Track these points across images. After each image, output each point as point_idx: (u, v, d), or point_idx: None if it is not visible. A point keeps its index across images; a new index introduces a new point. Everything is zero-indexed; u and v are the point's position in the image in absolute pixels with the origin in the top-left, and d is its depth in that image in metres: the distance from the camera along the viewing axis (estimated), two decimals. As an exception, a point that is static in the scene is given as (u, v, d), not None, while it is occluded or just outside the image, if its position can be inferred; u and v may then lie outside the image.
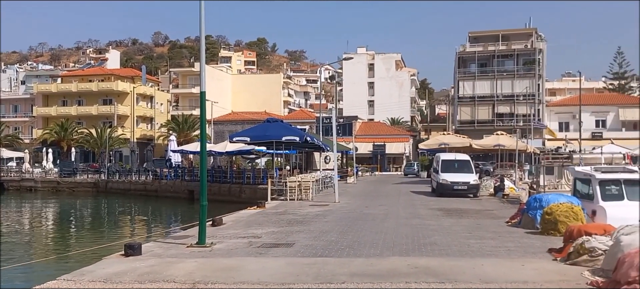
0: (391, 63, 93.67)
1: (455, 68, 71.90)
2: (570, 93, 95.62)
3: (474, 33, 74.52)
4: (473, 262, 10.61)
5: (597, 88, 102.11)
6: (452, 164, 29.78)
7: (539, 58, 68.42)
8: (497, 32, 73.24)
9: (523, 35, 72.23)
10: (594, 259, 10.07)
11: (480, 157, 48.50)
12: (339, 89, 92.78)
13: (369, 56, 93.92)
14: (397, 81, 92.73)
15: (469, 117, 69.78)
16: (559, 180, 33.66)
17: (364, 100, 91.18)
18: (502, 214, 19.50)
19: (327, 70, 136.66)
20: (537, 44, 69.28)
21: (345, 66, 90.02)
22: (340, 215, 19.23)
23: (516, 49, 69.31)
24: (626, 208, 18.39)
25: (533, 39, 70.18)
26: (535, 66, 67.97)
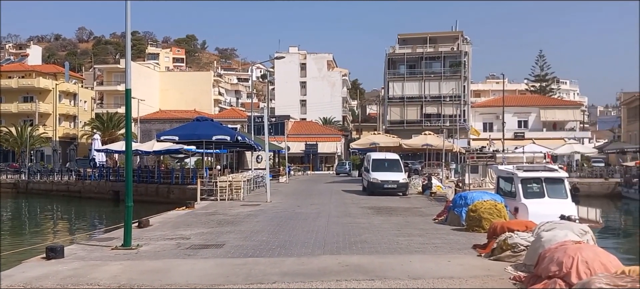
0: (323, 63, 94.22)
1: (385, 69, 73.15)
2: (494, 94, 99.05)
3: (403, 35, 76.05)
4: (402, 259, 10.83)
5: (519, 90, 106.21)
6: (382, 163, 30.27)
7: (464, 60, 70.59)
8: (425, 34, 75.05)
9: (449, 38, 74.34)
10: (516, 254, 10.46)
11: (409, 156, 49.51)
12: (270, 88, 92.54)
13: (301, 56, 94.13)
14: (329, 81, 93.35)
15: (399, 118, 71.14)
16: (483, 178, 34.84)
17: (296, 99, 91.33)
18: (430, 211, 19.98)
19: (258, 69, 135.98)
20: (462, 47, 71.44)
21: (277, 65, 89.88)
22: (272, 215, 19.17)
23: (443, 52, 71.27)
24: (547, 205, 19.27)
25: (459, 42, 72.33)
26: (461, 68, 70.06)
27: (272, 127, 60.93)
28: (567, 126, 73.90)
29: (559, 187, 20.64)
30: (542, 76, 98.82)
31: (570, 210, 18.91)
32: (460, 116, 68.09)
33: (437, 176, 35.83)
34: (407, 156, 48.49)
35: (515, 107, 74.20)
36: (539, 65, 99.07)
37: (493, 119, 73.54)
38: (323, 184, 39.95)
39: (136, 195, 14.51)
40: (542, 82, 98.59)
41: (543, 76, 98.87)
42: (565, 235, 9.42)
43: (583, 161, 62.07)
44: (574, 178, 49.15)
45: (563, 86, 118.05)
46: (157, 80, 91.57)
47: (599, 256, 8.17)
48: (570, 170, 53.29)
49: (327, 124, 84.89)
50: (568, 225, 10.42)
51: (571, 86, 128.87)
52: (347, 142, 76.42)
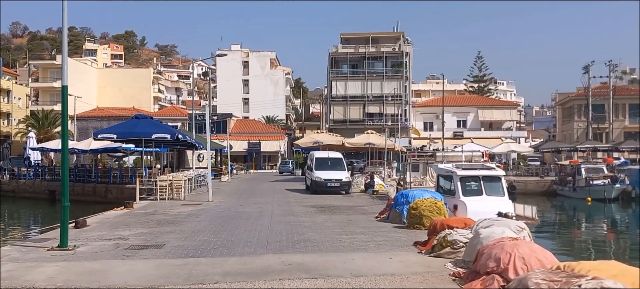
0: (266, 61, 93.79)
1: (328, 68, 73.47)
2: (434, 94, 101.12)
3: (345, 35, 76.54)
4: (344, 256, 10.88)
5: (458, 90, 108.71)
6: (326, 162, 30.39)
7: (405, 61, 71.66)
8: (367, 34, 75.77)
9: (391, 38, 75.30)
10: (456, 251, 10.68)
11: (352, 155, 49.90)
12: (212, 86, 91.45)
13: (243, 53, 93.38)
14: (272, 79, 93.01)
15: (342, 117, 71.58)
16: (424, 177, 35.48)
17: (238, 97, 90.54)
18: (372, 209, 20.18)
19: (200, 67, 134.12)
20: (404, 48, 72.50)
21: (219, 63, 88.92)
22: (214, 214, 18.93)
23: (385, 52, 72.11)
24: (485, 203, 19.77)
25: (400, 43, 73.36)
26: (403, 68, 71.10)
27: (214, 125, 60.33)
28: (504, 125, 76.13)
29: (496, 185, 21.23)
30: (480, 77, 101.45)
31: (507, 207, 19.48)
32: (401, 116, 69.07)
33: (380, 175, 36.24)
34: (350, 155, 48.87)
35: (454, 107, 75.91)
36: (477, 66, 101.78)
37: (433, 118, 75.00)
38: (266, 183, 39.78)
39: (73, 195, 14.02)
40: (480, 83, 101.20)
41: (481, 76, 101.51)
42: (503, 232, 9.66)
43: (519, 159, 64.03)
44: (511, 176, 50.65)
45: (500, 86, 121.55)
46: (94, 77, 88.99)
47: (535, 252, 8.41)
48: (507, 168, 54.91)
49: (270, 122, 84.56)
50: (505, 222, 10.70)
51: (508, 87, 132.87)
52: (290, 141, 76.34)
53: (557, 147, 60.47)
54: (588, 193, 42.17)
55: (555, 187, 48.23)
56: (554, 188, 48.30)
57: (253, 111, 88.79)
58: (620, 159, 56.11)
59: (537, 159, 64.59)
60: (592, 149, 56.40)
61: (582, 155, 55.75)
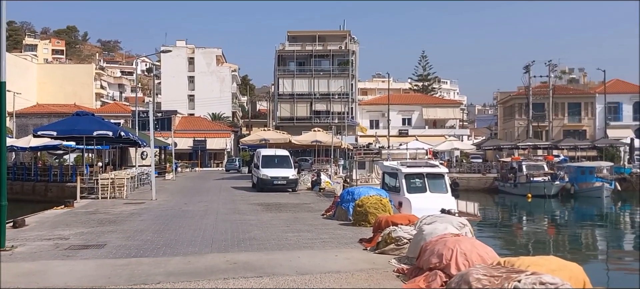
0: (212, 58, 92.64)
1: (275, 66, 73.29)
2: (380, 93, 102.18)
3: (292, 32, 76.50)
4: (290, 254, 10.83)
5: (404, 89, 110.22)
6: (272, 160, 30.27)
7: (352, 59, 72.18)
8: (314, 32, 75.95)
9: (338, 36, 75.72)
10: (400, 247, 10.78)
11: (299, 152, 49.92)
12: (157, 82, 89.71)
13: (189, 50, 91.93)
14: (218, 76, 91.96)
15: (289, 114, 71.54)
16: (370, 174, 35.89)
17: (184, 94, 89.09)
18: (319, 207, 20.20)
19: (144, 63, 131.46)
20: (350, 46, 73.01)
21: (164, 59, 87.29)
22: (157, 213, 18.55)
23: (332, 50, 72.47)
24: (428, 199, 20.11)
25: (347, 41, 73.85)
26: (349, 67, 71.60)
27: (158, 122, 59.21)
28: (448, 123, 77.65)
29: (439, 182, 21.63)
30: (425, 76, 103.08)
31: (450, 204, 19.86)
32: (348, 113, 69.59)
33: (326, 172, 36.38)
34: (297, 152, 48.88)
35: (399, 106, 76.90)
36: (422, 66, 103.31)
37: (379, 116, 75.78)
38: (212, 181, 39.33)
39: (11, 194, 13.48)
40: (424, 82, 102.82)
41: (425, 75, 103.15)
42: (445, 228, 9.80)
43: (462, 157, 65.42)
44: (454, 173, 51.70)
45: (444, 85, 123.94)
46: (34, 72, 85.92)
47: (477, 248, 8.57)
48: (451, 166, 56.07)
49: (216, 119, 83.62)
50: (448, 218, 10.86)
51: (452, 86, 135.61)
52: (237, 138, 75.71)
53: (499, 145, 62.08)
54: (528, 190, 43.46)
55: (497, 184, 49.50)
56: (495, 185, 49.56)
57: (199, 108, 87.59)
58: (560, 157, 58.19)
59: (480, 157, 66.13)
60: (532, 146, 58.19)
61: (522, 153, 57.49)
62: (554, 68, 69.13)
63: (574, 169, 46.28)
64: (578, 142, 58.46)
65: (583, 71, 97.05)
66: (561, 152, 60.21)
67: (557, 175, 44.77)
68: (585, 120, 73.85)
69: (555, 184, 43.32)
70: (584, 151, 58.07)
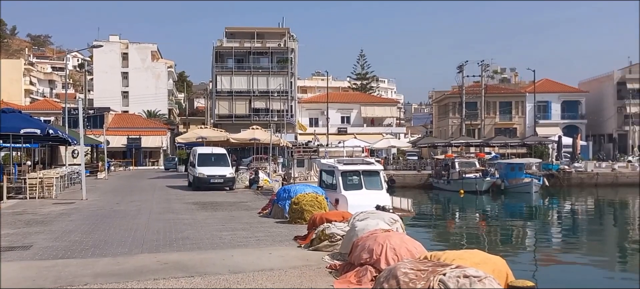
0: (147, 53, 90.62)
1: (213, 62, 72.44)
2: (319, 91, 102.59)
3: (230, 29, 75.81)
4: (224, 253, 10.75)
5: (343, 87, 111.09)
6: (209, 158, 29.97)
7: (291, 57, 72.18)
8: (252, 29, 75.52)
9: (277, 34, 75.55)
10: (333, 244, 10.88)
11: (237, 150, 49.60)
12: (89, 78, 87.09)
13: (122, 45, 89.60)
14: (153, 72, 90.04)
15: (227, 112, 70.87)
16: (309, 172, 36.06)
17: (117, 91, 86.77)
18: (256, 205, 20.13)
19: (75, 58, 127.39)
20: (289, 44, 72.98)
21: (97, 54, 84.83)
22: (87, 213, 18.02)
23: (270, 47, 72.22)
24: (364, 196, 20.43)
25: (286, 39, 73.78)
26: (288, 64, 71.57)
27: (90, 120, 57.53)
28: (385, 122, 78.82)
29: (375, 179, 22.00)
30: (363, 74, 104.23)
31: (385, 200, 20.23)
32: (287, 111, 69.57)
33: (265, 170, 36.28)
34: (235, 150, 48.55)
35: (338, 104, 77.50)
36: (361, 65, 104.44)
37: (318, 114, 76.15)
38: (146, 180, 38.53)
39: None
40: (363, 80, 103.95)
41: (364, 74, 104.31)
42: (377, 224, 9.96)
43: (399, 154, 66.58)
44: (391, 170, 52.56)
45: (382, 84, 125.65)
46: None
47: (406, 243, 8.75)
48: (388, 163, 56.94)
49: (151, 117, 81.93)
50: (380, 215, 11.04)
51: (389, 85, 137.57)
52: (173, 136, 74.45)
53: (433, 143, 63.49)
54: (461, 186, 44.65)
55: (431, 180, 50.57)
56: (430, 181, 50.62)
57: (133, 105, 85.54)
58: (491, 154, 60.08)
59: (415, 154, 67.41)
60: (465, 144, 59.79)
61: (456, 150, 59.01)
62: (487, 68, 71.39)
63: (504, 165, 47.82)
64: (508, 140, 60.52)
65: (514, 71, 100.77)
66: (492, 150, 62.15)
67: (488, 171, 46.17)
68: (516, 118, 76.61)
69: (486, 180, 44.67)
70: (514, 148, 60.14)
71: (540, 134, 67.45)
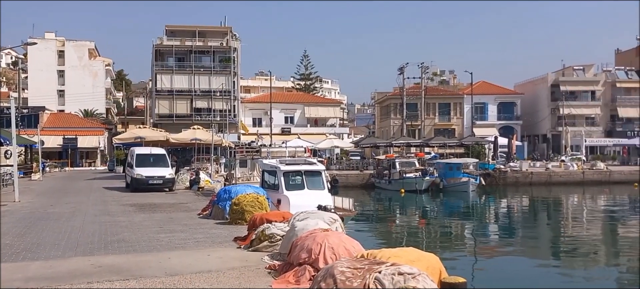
0: (84, 51, 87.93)
1: (153, 61, 71.04)
2: (263, 91, 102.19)
3: (171, 27, 74.57)
4: (160, 256, 10.59)
5: (286, 87, 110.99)
6: (148, 159, 29.38)
7: (234, 56, 71.58)
8: (194, 27, 74.49)
9: (219, 33, 74.74)
10: (273, 244, 10.89)
11: (178, 151, 48.82)
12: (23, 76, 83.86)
13: (58, 42, 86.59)
14: (90, 71, 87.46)
15: (168, 111, 69.62)
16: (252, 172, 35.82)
17: (53, 89, 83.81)
18: (196, 206, 19.89)
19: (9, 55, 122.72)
20: (232, 43, 72.37)
21: (31, 52, 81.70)
22: (20, 216, 17.38)
23: (212, 46, 71.39)
24: (306, 196, 20.52)
25: (228, 38, 73.13)
26: (231, 64, 70.95)
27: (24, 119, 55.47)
28: (329, 122, 79.24)
29: (317, 179, 22.13)
30: (307, 75, 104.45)
31: (327, 200, 20.40)
32: (230, 111, 68.94)
33: (206, 171, 35.84)
34: (175, 151, 47.79)
35: (282, 104, 77.40)
36: (304, 65, 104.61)
37: (262, 114, 75.83)
38: (83, 181, 37.44)
39: None
40: (306, 81, 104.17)
41: (307, 74, 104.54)
42: (316, 224, 10.04)
43: (342, 154, 67.06)
44: (334, 170, 52.93)
45: (325, 85, 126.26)
46: None
47: (344, 242, 8.86)
48: (331, 163, 57.30)
49: (88, 116, 79.62)
50: (320, 214, 11.12)
51: (333, 85, 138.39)
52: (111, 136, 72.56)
53: (376, 143, 64.27)
54: (402, 185, 45.41)
55: (373, 180, 51.19)
56: (372, 181, 51.23)
57: (69, 104, 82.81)
58: (431, 154, 61.33)
59: (358, 154, 68.05)
60: (405, 144, 60.80)
61: (397, 150, 59.88)
62: (426, 70, 72.74)
63: (442, 165, 48.92)
64: (447, 140, 61.89)
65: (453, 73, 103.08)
66: (432, 150, 63.44)
67: (427, 171, 47.14)
68: (454, 119, 78.46)
69: (426, 179, 45.59)
70: (452, 148, 61.54)
71: (478, 134, 69.31)
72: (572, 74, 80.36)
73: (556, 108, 76.30)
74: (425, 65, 70.90)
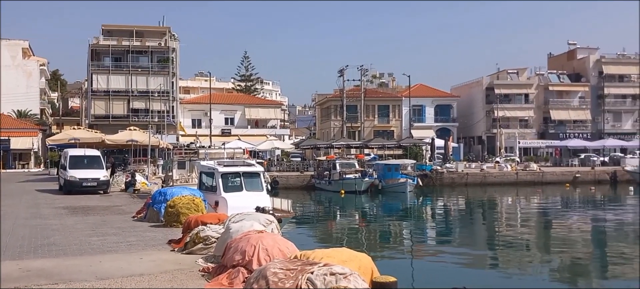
0: (17, 50, 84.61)
1: (89, 60, 69.15)
2: (202, 92, 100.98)
3: (107, 26, 72.76)
4: (92, 259, 10.40)
5: (227, 88, 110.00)
6: (82, 160, 28.65)
7: (172, 56, 70.48)
8: (131, 27, 72.89)
9: (157, 33, 73.40)
10: (208, 246, 10.86)
11: (114, 152, 47.73)
12: (-51, 75, 79.94)
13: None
14: (24, 70, 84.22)
15: (104, 112, 67.89)
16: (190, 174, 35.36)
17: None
18: (131, 209, 19.54)
19: None
20: (170, 43, 71.24)
21: (-42, 49, 78.11)
22: (-57, 220, 16.63)
23: (150, 46, 70.03)
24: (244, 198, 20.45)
25: (167, 38, 71.95)
26: (170, 64, 69.82)
27: (-50, 119, 52.85)
28: (270, 123, 79.07)
29: (255, 180, 22.10)
30: (248, 76, 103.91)
31: (265, 202, 20.38)
32: (168, 112, 67.82)
33: (143, 173, 35.19)
34: (112, 152, 46.71)
35: (222, 105, 76.72)
36: (245, 66, 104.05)
37: (202, 115, 74.92)
38: (14, 183, 36.05)
39: None
40: (247, 82, 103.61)
41: (248, 76, 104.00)
42: (251, 225, 10.08)
43: (283, 155, 67.08)
44: (274, 172, 52.91)
45: (266, 86, 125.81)
46: None
47: (278, 243, 8.94)
48: (271, 164, 57.23)
49: (22, 117, 76.68)
50: (255, 216, 11.16)
51: (274, 87, 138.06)
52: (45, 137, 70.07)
53: (316, 144, 64.53)
54: (341, 186, 45.84)
55: (313, 181, 51.46)
56: (312, 182, 51.51)
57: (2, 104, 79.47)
58: (370, 155, 62.09)
59: (299, 156, 68.25)
60: (345, 146, 61.37)
61: (337, 151, 60.37)
62: (366, 73, 73.61)
63: (381, 166, 49.64)
64: (386, 142, 62.81)
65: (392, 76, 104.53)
66: (371, 151, 64.24)
67: (366, 172, 47.77)
68: (393, 121, 79.74)
69: (365, 180, 46.19)
70: (391, 150, 62.52)
71: (415, 136, 70.66)
72: (506, 78, 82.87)
73: (491, 110, 78.56)
74: (365, 68, 71.86)
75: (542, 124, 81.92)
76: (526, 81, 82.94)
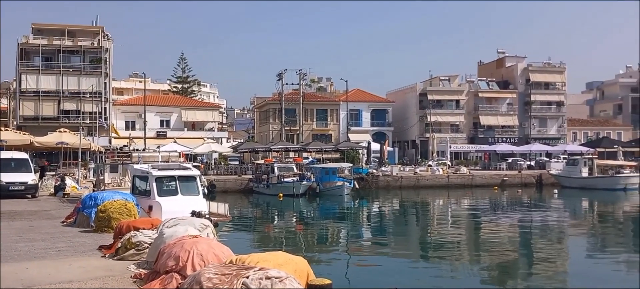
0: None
1: (17, 60, 66.46)
2: (137, 93, 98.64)
3: (38, 25, 70.24)
4: (17, 266, 9.98)
5: (163, 90, 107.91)
6: (8, 163, 27.48)
7: (105, 57, 68.65)
8: (63, 26, 70.57)
9: (90, 32, 71.36)
10: (140, 252, 10.61)
11: (43, 155, 46.03)
12: None
13: None
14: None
15: (33, 113, 65.46)
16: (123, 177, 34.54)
17: None
18: (60, 214, 18.87)
19: None
20: (104, 43, 69.38)
21: None
22: None
23: (83, 46, 68.01)
24: (180, 202, 20.15)
25: (100, 38, 70.02)
26: (102, 65, 67.99)
27: None
28: (207, 126, 78.07)
29: (191, 184, 21.82)
30: (184, 78, 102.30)
31: (201, 206, 20.14)
32: (101, 114, 65.98)
33: (73, 176, 34.10)
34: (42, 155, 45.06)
35: (158, 107, 75.18)
36: (181, 68, 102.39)
37: (136, 117, 73.19)
38: None
39: None
40: (184, 84, 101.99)
41: (185, 77, 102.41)
42: (186, 230, 9.92)
43: (221, 159, 66.43)
44: (211, 175, 52.35)
45: (204, 88, 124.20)
46: None
47: (213, 248, 8.83)
48: (209, 168, 56.57)
49: (-57, 118, 72.98)
50: (190, 220, 10.99)
51: (211, 89, 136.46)
52: (-32, 139, 66.83)
53: (255, 148, 64.28)
54: (280, 189, 45.79)
55: (252, 184, 51.22)
56: (250, 185, 51.26)
57: None
58: (309, 158, 62.42)
59: (237, 159, 67.77)
60: (284, 149, 61.38)
61: (275, 155, 60.31)
62: (304, 77, 73.87)
63: (319, 169, 49.97)
64: (324, 145, 63.37)
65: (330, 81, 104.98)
66: (310, 154, 64.56)
67: (304, 175, 47.96)
68: (331, 125, 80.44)
69: (303, 183, 46.35)
70: (329, 153, 63.02)
71: (353, 140, 71.45)
72: (438, 84, 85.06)
73: (424, 116, 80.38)
74: (304, 72, 72.12)
75: (472, 129, 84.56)
76: (457, 87, 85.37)
